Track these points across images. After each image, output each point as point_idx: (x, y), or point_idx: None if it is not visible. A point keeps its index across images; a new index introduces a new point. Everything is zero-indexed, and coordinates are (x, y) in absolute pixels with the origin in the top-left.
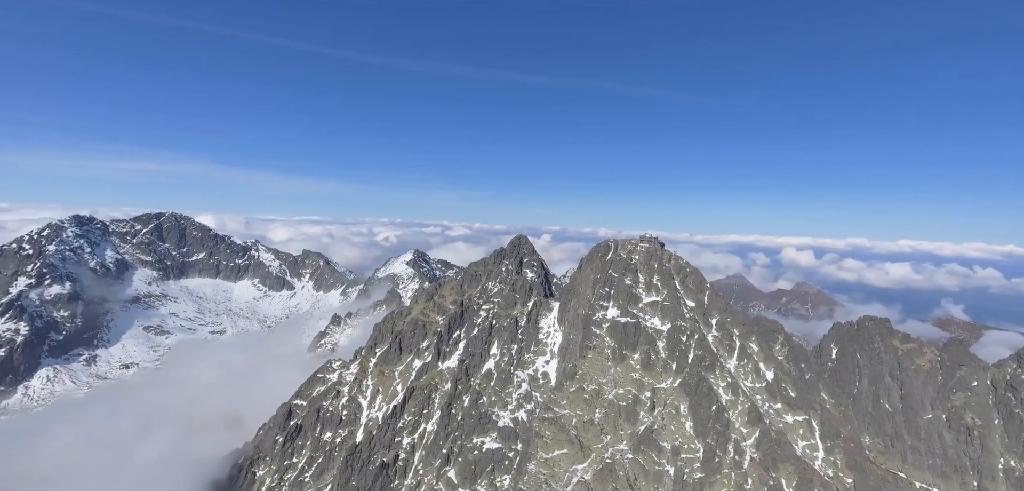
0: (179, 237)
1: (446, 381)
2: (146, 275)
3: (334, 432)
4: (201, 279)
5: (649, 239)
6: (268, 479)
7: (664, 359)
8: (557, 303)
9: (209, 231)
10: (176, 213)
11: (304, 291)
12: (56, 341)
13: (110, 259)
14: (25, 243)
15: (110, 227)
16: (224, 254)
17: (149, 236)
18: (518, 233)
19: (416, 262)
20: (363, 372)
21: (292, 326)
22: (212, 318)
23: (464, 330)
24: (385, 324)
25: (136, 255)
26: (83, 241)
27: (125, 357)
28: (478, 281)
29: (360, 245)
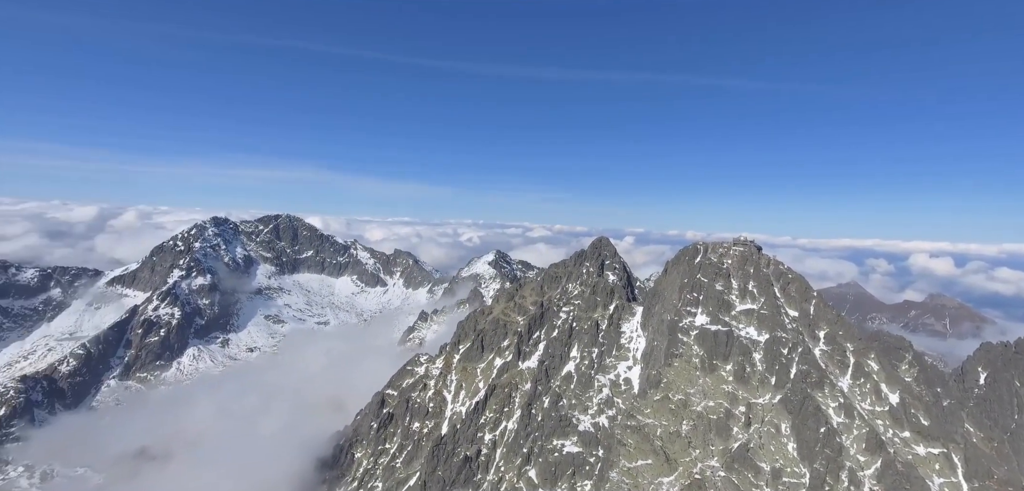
0: (292, 236)
1: (526, 381)
2: (266, 270)
3: (421, 423)
4: (309, 274)
5: (744, 242)
6: (365, 461)
7: (761, 372)
8: (640, 308)
9: (316, 231)
10: (290, 215)
11: (395, 288)
12: (199, 325)
13: (239, 255)
14: (178, 241)
15: (239, 227)
16: (328, 252)
17: (269, 235)
18: (599, 235)
19: (498, 262)
20: (448, 367)
21: (385, 320)
22: (318, 310)
23: (544, 331)
24: (468, 322)
25: (259, 252)
26: (220, 240)
27: (250, 341)
28: (558, 283)
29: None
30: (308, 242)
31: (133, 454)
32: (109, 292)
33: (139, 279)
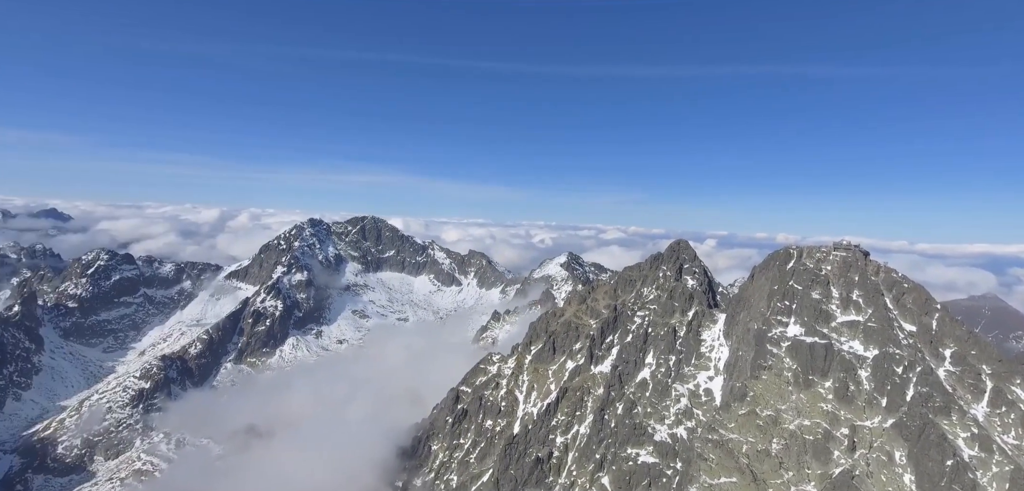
0: (376, 237)
1: (598, 386)
2: (354, 268)
3: (494, 421)
4: (391, 273)
5: (847, 246)
6: (441, 454)
7: (868, 392)
8: (723, 315)
9: (397, 232)
10: (375, 217)
11: (469, 287)
12: (298, 317)
13: (331, 254)
14: (281, 240)
15: (331, 228)
16: (408, 252)
17: (356, 236)
18: (678, 237)
19: (570, 264)
20: (519, 368)
21: (459, 319)
22: (398, 307)
23: (617, 336)
24: (540, 323)
25: (348, 251)
26: (315, 239)
27: (340, 334)
28: (632, 286)
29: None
30: (390, 242)
31: (244, 430)
32: (227, 285)
33: (250, 274)
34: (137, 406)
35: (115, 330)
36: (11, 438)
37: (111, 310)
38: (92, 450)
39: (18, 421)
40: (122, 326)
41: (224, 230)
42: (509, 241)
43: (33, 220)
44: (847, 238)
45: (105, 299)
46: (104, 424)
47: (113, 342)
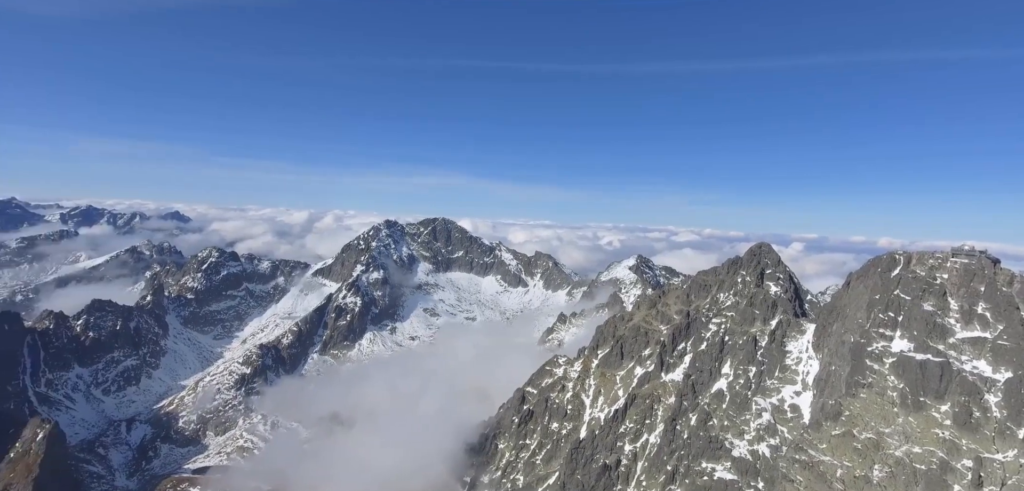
0: (446, 238)
1: (669, 394)
2: (425, 268)
3: (560, 424)
4: (460, 273)
5: (970, 252)
6: (507, 453)
7: (999, 420)
8: (812, 325)
9: (466, 233)
10: (445, 218)
11: (535, 289)
12: (375, 313)
13: (405, 254)
14: (361, 241)
15: (405, 229)
16: (476, 253)
17: (428, 237)
18: (759, 240)
19: (639, 267)
20: (586, 371)
21: (525, 320)
22: (466, 306)
23: (690, 343)
24: (607, 327)
25: (420, 252)
26: (390, 240)
27: (412, 331)
28: (707, 291)
29: (585, 248)
30: (459, 243)
31: (329, 417)
32: (313, 282)
33: (333, 272)
34: (240, 389)
35: (223, 320)
36: (145, 410)
37: (220, 302)
38: (205, 426)
39: (150, 396)
40: (228, 316)
41: (312, 231)
42: (576, 243)
43: (161, 221)
44: (970, 243)
45: (215, 292)
46: (214, 403)
47: (221, 330)
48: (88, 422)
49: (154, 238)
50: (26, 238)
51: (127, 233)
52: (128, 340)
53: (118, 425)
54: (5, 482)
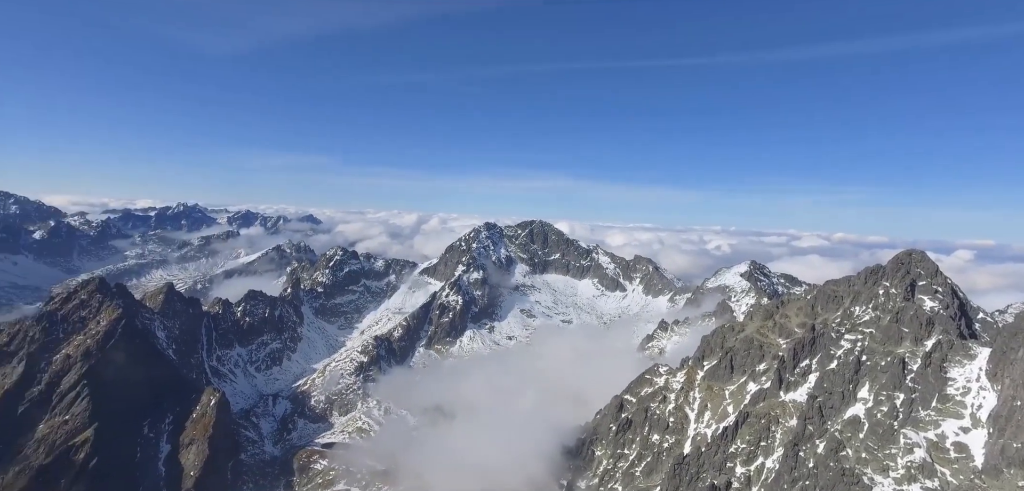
0: (543, 240)
1: (790, 415)
2: (522, 269)
3: (661, 436)
4: (556, 275)
5: None
6: (604, 461)
7: None
8: (985, 350)
9: (562, 235)
10: (542, 220)
11: (634, 294)
12: (474, 312)
13: (503, 256)
14: (462, 242)
15: (503, 232)
16: (572, 255)
17: (525, 239)
18: (908, 247)
19: (752, 274)
20: (690, 383)
21: (623, 325)
22: (562, 309)
23: (817, 361)
24: (714, 337)
25: (517, 253)
26: (489, 242)
27: (509, 331)
28: (838, 303)
29: (689, 253)
30: (556, 245)
31: (433, 407)
32: (420, 280)
33: (438, 271)
34: (358, 375)
35: (345, 312)
36: (285, 388)
37: (343, 296)
38: (331, 406)
39: (289, 376)
40: (349, 309)
41: (420, 232)
42: (679, 246)
43: (299, 223)
44: None
45: (340, 287)
46: (338, 386)
47: (344, 322)
48: (245, 394)
49: (293, 238)
50: (204, 237)
51: (274, 234)
52: (274, 326)
53: (266, 399)
54: (190, 436)
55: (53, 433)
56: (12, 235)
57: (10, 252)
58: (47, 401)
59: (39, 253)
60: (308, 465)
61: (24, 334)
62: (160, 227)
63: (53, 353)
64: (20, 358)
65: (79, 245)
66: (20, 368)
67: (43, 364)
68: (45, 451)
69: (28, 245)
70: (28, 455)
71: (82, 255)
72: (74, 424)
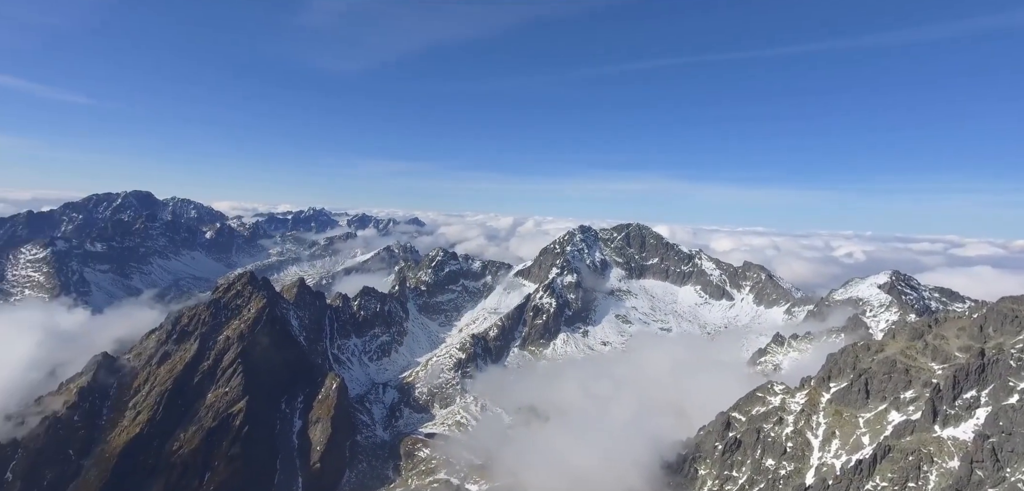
0: (640, 244)
1: (949, 455)
2: (618, 274)
3: (777, 461)
4: (654, 281)
5: None
6: (709, 481)
7: None
8: None
9: (661, 239)
10: (639, 224)
11: (743, 303)
12: (568, 315)
13: (597, 259)
14: (556, 245)
15: (598, 235)
16: (672, 260)
17: (621, 242)
18: None
19: (894, 286)
20: (812, 405)
21: (731, 336)
22: (661, 316)
23: (988, 393)
24: (844, 356)
25: (612, 257)
26: (584, 245)
27: (603, 336)
28: (1019, 325)
29: (812, 260)
30: (654, 250)
31: (527, 407)
32: (515, 282)
33: (532, 273)
34: (457, 371)
35: (445, 310)
36: (393, 378)
37: (443, 295)
38: (433, 398)
39: (396, 367)
40: (449, 308)
41: (515, 235)
42: (799, 253)
43: (406, 226)
44: None
45: (440, 286)
46: (439, 381)
47: (444, 319)
48: (359, 381)
49: (401, 239)
50: (328, 238)
51: (385, 235)
52: (383, 320)
53: (377, 387)
54: (317, 414)
55: (217, 401)
56: (191, 235)
57: (189, 249)
58: (213, 374)
59: (209, 250)
60: (413, 452)
61: (198, 318)
62: (295, 229)
63: (218, 334)
64: (195, 337)
65: (236, 243)
66: (195, 346)
67: (210, 343)
68: (212, 416)
69: (202, 243)
70: (201, 417)
71: (238, 252)
72: (232, 395)
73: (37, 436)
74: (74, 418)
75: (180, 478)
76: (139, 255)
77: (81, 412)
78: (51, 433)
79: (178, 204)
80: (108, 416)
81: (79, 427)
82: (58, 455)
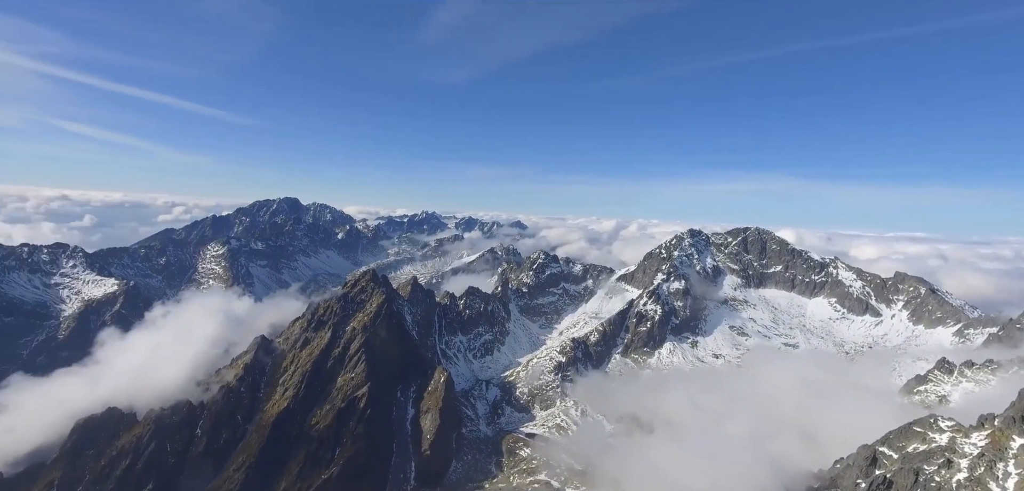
0: (760, 250)
1: None
2: (732, 281)
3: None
4: (776, 291)
5: None
6: None
7: None
8: None
9: (787, 245)
10: (759, 228)
11: (895, 320)
12: (674, 324)
13: (709, 265)
14: (662, 249)
15: (710, 239)
16: (800, 269)
17: (737, 248)
18: None
19: None
20: (997, 449)
21: (877, 358)
22: (785, 330)
23: None
24: None
25: (726, 263)
26: (693, 250)
27: (715, 348)
28: None
29: (993, 273)
30: (777, 256)
31: (629, 416)
32: (617, 286)
33: (635, 278)
34: (557, 374)
35: (545, 313)
36: (495, 376)
37: (544, 297)
38: (533, 399)
39: (498, 366)
40: (549, 310)
41: (618, 238)
42: (976, 263)
43: (509, 229)
44: None
45: (541, 288)
46: (539, 382)
47: (544, 322)
48: (465, 377)
49: (504, 242)
50: (438, 240)
51: (489, 237)
52: (487, 320)
53: (481, 384)
54: (426, 405)
55: (346, 385)
56: (327, 236)
57: (325, 248)
58: (342, 360)
59: (340, 249)
60: (514, 449)
61: (331, 309)
62: (410, 231)
63: (346, 324)
64: (328, 327)
65: (361, 244)
66: (328, 334)
67: (341, 332)
68: (341, 397)
69: (335, 243)
70: (333, 397)
71: (363, 251)
72: (356, 380)
73: (216, 401)
74: (241, 389)
75: (317, 449)
76: (288, 253)
77: (246, 384)
78: (225, 400)
79: (317, 209)
80: (264, 390)
81: (244, 397)
82: (230, 419)
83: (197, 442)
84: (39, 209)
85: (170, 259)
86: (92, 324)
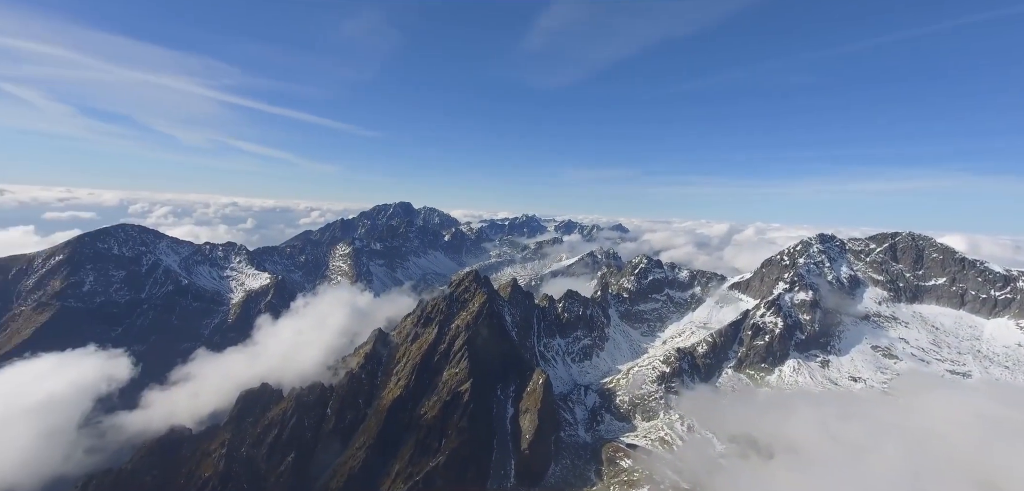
0: (915, 259)
1: None
2: (876, 294)
3: None
4: (937, 307)
5: None
6: None
7: None
8: None
9: (953, 254)
10: (913, 233)
11: None
12: (800, 339)
13: (844, 274)
14: (785, 256)
15: (846, 245)
16: (973, 282)
17: (882, 255)
18: None
19: None
20: None
21: None
22: (951, 354)
23: None
24: None
25: (868, 273)
26: (824, 257)
27: (853, 370)
28: None
29: None
30: (939, 267)
31: (744, 437)
32: (729, 295)
33: (751, 287)
34: (660, 385)
35: (648, 319)
36: (594, 382)
37: (646, 303)
38: (635, 409)
39: (597, 372)
40: (652, 317)
41: (731, 243)
42: None
43: (610, 232)
44: None
45: (643, 294)
46: (641, 391)
47: (646, 329)
48: (563, 380)
49: (604, 245)
50: (537, 242)
51: (589, 240)
52: (586, 324)
53: (579, 388)
54: (525, 406)
55: (450, 379)
56: (435, 238)
57: (433, 249)
58: (447, 355)
59: (446, 250)
60: (614, 459)
61: (437, 307)
62: (510, 233)
63: (451, 322)
64: (435, 323)
65: (465, 245)
66: (435, 330)
67: (446, 329)
68: (447, 391)
69: (441, 245)
70: (439, 390)
71: (466, 253)
72: (460, 376)
73: (343, 385)
74: (362, 376)
75: (425, 438)
76: (401, 254)
77: (366, 372)
78: (350, 384)
79: (427, 212)
80: (381, 378)
81: (365, 383)
82: (354, 402)
83: (327, 420)
84: (217, 214)
85: (308, 257)
86: (251, 311)
